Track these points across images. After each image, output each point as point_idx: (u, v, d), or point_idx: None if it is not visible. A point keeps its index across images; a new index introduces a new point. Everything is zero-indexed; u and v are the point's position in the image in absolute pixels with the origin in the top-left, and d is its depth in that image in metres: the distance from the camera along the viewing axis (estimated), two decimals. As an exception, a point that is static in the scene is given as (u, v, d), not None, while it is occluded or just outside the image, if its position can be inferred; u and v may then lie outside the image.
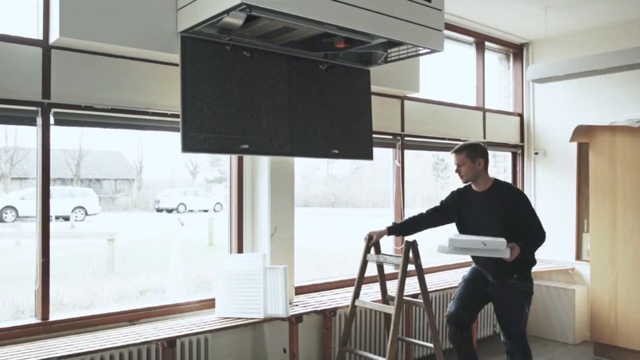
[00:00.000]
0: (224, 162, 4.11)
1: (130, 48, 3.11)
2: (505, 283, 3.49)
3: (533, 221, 3.45)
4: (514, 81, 6.24)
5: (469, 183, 3.58)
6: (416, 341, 4.16)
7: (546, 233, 3.45)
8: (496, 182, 3.54)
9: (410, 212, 4.77)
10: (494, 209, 3.45)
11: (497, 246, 3.28)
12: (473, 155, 3.47)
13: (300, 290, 4.16)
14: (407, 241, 3.50)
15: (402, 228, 3.79)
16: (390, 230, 3.72)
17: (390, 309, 3.49)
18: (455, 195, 3.69)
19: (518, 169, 6.15)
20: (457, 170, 3.53)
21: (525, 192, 6.05)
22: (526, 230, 3.40)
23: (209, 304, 3.69)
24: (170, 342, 3.08)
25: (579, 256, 5.50)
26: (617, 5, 4.88)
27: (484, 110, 5.77)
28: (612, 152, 4.91)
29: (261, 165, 3.89)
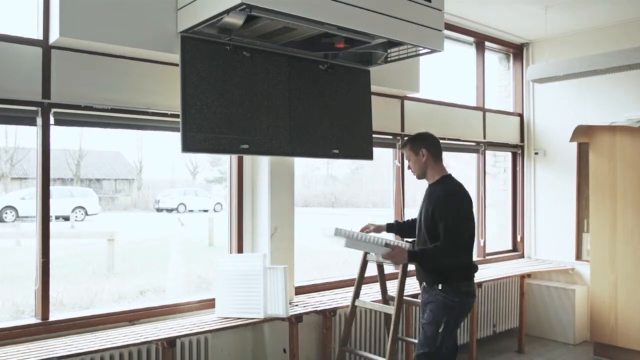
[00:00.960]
0: (224, 162, 4.11)
1: (130, 48, 3.11)
2: (430, 292, 3.11)
3: (447, 230, 2.95)
4: (514, 81, 6.24)
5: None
6: (416, 341, 4.16)
7: (457, 253, 2.99)
8: (444, 177, 3.17)
9: (410, 212, 4.78)
10: (425, 205, 3.15)
11: (376, 242, 3.09)
12: (415, 147, 3.18)
13: (300, 290, 4.16)
14: (407, 241, 3.49)
15: (401, 227, 3.58)
16: (389, 227, 3.54)
17: (390, 309, 3.49)
18: None
19: (518, 169, 6.15)
20: (409, 167, 3.29)
21: (525, 192, 6.07)
22: (437, 237, 3.01)
23: (209, 304, 3.69)
24: (170, 342, 3.07)
25: (579, 256, 5.50)
26: (617, 5, 4.88)
27: (484, 110, 5.77)
28: (612, 152, 4.91)
29: (261, 165, 3.89)
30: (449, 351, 3.12)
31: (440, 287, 3.05)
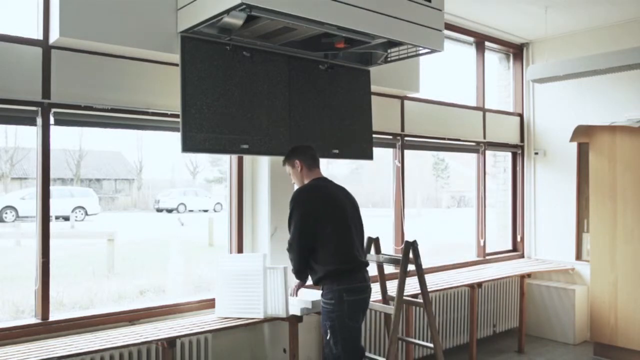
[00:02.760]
0: (224, 162, 4.11)
1: (130, 48, 3.11)
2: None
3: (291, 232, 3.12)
4: (514, 81, 6.24)
5: None
6: (416, 341, 4.16)
7: (293, 254, 3.12)
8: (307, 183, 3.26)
9: (410, 212, 4.78)
10: None
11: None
12: (290, 160, 3.30)
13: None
14: (407, 241, 3.50)
15: None
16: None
17: (390, 309, 3.49)
18: None
19: (518, 169, 6.15)
20: (293, 182, 3.39)
21: (525, 192, 6.07)
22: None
23: (209, 304, 3.69)
24: (170, 342, 3.07)
25: (579, 256, 5.50)
26: (617, 5, 4.88)
27: (484, 110, 5.77)
28: (612, 152, 4.91)
29: (261, 165, 3.89)
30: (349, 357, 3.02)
31: (322, 289, 3.14)
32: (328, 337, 3.05)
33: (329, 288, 3.06)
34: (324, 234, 3.06)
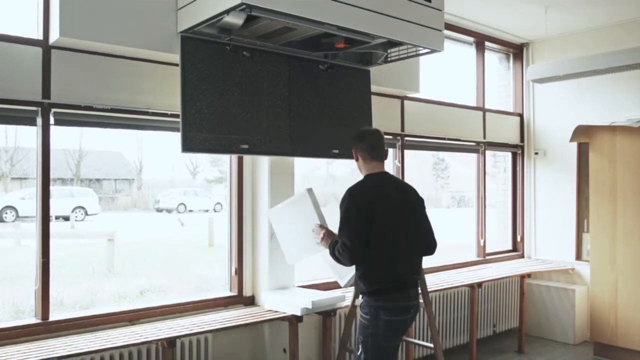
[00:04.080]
0: (224, 162, 4.11)
1: (130, 48, 3.11)
2: None
3: (340, 226, 2.76)
4: (514, 81, 6.24)
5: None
6: (416, 341, 4.16)
7: (346, 249, 2.65)
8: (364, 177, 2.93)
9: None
10: None
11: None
12: (352, 148, 2.97)
13: (300, 290, 4.16)
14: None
15: None
16: None
17: (390, 309, 3.48)
18: None
19: (518, 169, 6.15)
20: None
21: (525, 192, 6.08)
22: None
23: (209, 304, 3.69)
24: (170, 342, 3.07)
25: (579, 256, 5.50)
26: (617, 5, 4.88)
27: (484, 110, 5.77)
28: (612, 152, 4.91)
29: (261, 165, 3.89)
30: None
31: (361, 298, 2.81)
32: (359, 353, 2.77)
33: (367, 302, 2.75)
34: (369, 246, 2.69)
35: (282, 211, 3.46)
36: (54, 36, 2.91)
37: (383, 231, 2.70)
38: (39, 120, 3.03)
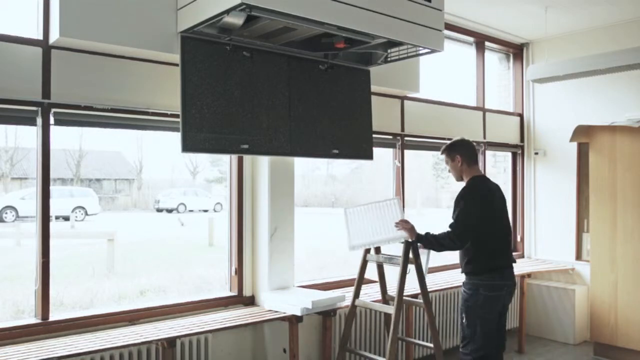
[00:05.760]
0: (224, 162, 4.11)
1: (130, 48, 3.11)
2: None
3: (455, 219, 3.33)
4: (514, 81, 6.24)
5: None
6: (416, 341, 4.16)
7: (457, 240, 3.29)
8: (471, 179, 3.45)
9: (410, 212, 4.77)
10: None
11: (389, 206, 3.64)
12: (451, 153, 3.51)
13: (300, 290, 4.16)
14: (406, 241, 3.49)
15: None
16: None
17: (390, 309, 3.49)
18: None
19: (518, 169, 6.15)
20: (449, 171, 3.61)
21: (525, 192, 6.07)
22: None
23: (209, 304, 3.69)
24: (170, 342, 3.08)
25: (579, 256, 5.50)
26: (618, 5, 4.88)
27: (484, 110, 5.77)
28: (612, 152, 4.91)
29: (261, 165, 3.89)
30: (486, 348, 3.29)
31: (465, 275, 3.41)
32: (464, 320, 3.35)
33: (477, 279, 3.31)
34: (484, 233, 3.30)
35: (363, 209, 3.80)
36: (54, 36, 2.91)
37: (489, 223, 3.32)
38: (39, 120, 3.03)
